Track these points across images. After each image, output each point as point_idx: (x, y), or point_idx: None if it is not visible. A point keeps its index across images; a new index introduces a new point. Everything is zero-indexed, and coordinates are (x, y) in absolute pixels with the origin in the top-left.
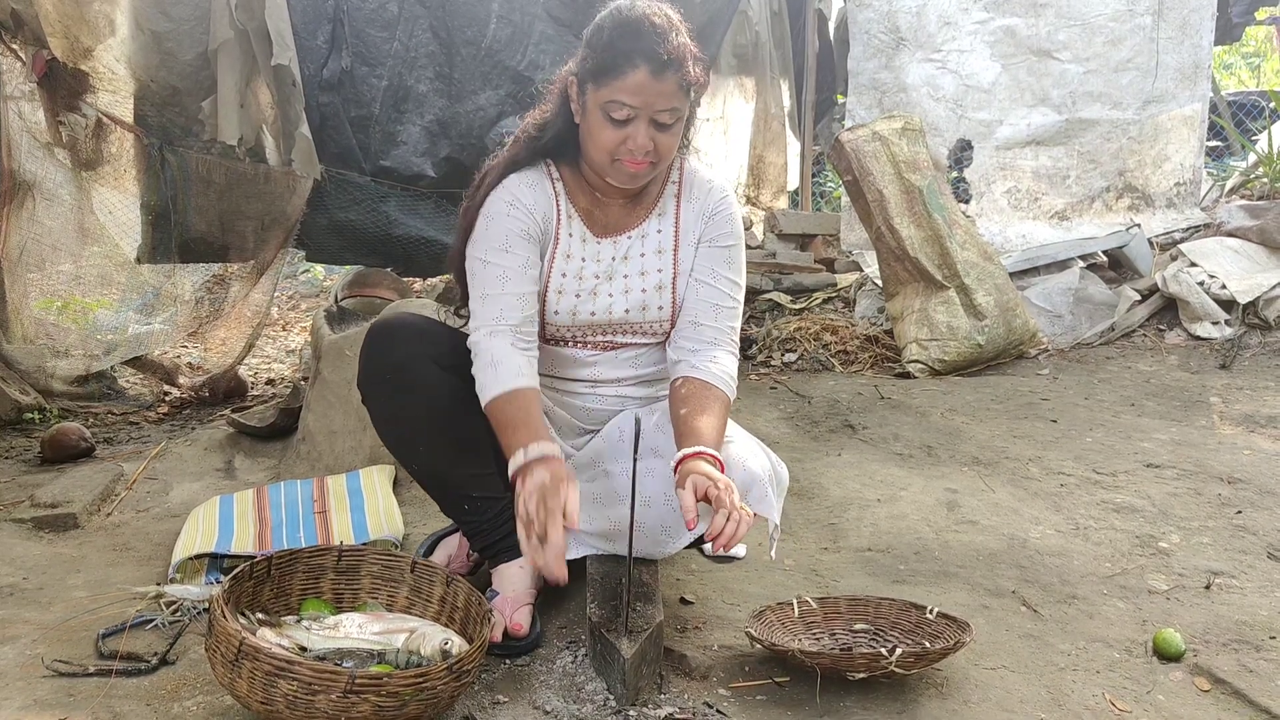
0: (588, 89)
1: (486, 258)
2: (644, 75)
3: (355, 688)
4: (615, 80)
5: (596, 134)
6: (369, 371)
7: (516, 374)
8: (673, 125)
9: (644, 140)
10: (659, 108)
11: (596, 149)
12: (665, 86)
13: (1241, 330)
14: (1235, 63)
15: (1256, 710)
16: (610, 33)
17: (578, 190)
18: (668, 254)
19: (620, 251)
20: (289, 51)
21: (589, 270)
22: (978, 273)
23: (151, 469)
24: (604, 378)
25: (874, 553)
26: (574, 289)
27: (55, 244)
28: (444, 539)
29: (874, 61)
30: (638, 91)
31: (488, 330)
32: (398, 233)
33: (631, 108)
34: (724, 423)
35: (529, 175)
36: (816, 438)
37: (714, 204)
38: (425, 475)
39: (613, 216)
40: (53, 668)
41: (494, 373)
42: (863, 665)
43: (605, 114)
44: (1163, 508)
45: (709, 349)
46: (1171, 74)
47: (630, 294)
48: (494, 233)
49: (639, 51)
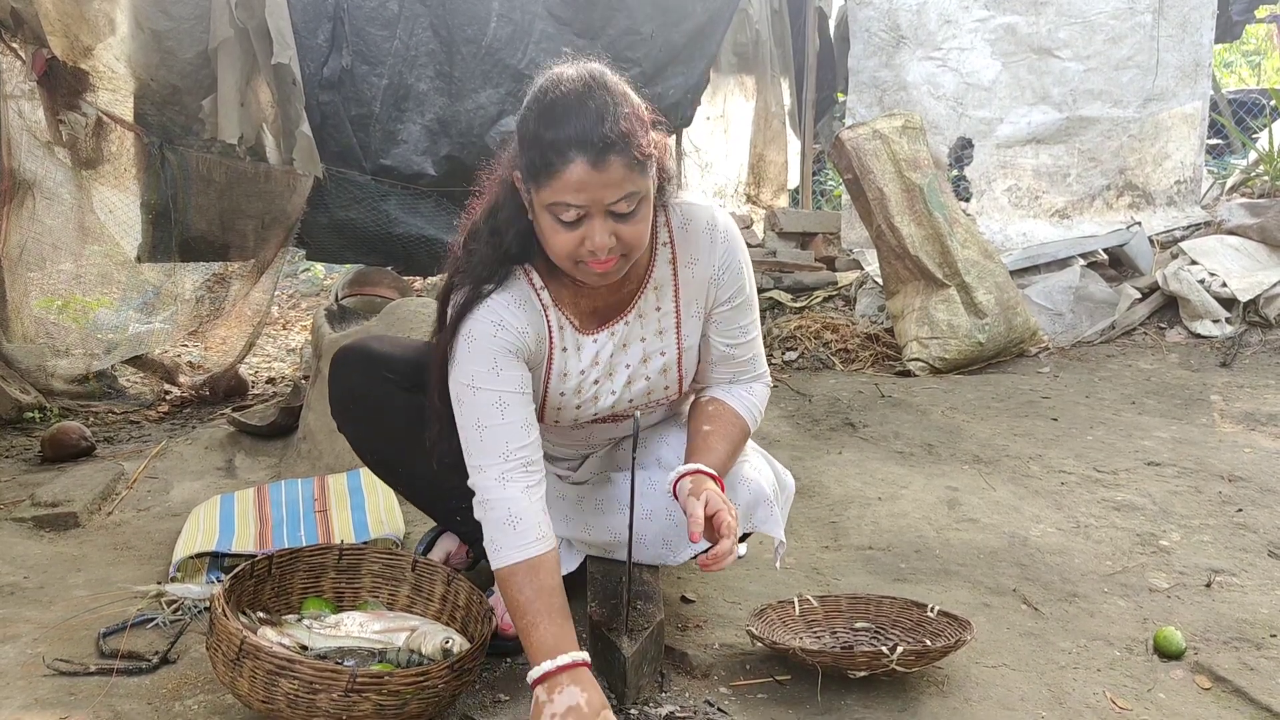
0: (530, 188)
1: (475, 383)
2: (582, 169)
3: (356, 686)
4: (552, 180)
5: (550, 238)
6: (336, 402)
7: (539, 538)
8: (635, 210)
9: (602, 239)
10: (609, 200)
11: (556, 254)
12: (611, 175)
13: (1242, 328)
14: (1235, 60)
15: (1257, 708)
16: (535, 123)
17: (559, 287)
18: (669, 333)
19: (618, 341)
20: (289, 50)
21: (589, 379)
22: (978, 271)
23: (152, 468)
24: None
25: (875, 551)
26: (574, 402)
27: (55, 243)
28: (443, 535)
29: (874, 59)
30: (580, 189)
31: (497, 475)
32: (398, 231)
33: (578, 207)
34: (739, 453)
35: (513, 294)
36: (817, 436)
37: (719, 262)
38: (410, 494)
39: (601, 301)
40: (54, 667)
41: (513, 533)
42: (864, 663)
43: (554, 216)
44: (1163, 506)
45: (746, 381)
46: (1172, 72)
47: (634, 384)
48: (479, 356)
49: (570, 142)
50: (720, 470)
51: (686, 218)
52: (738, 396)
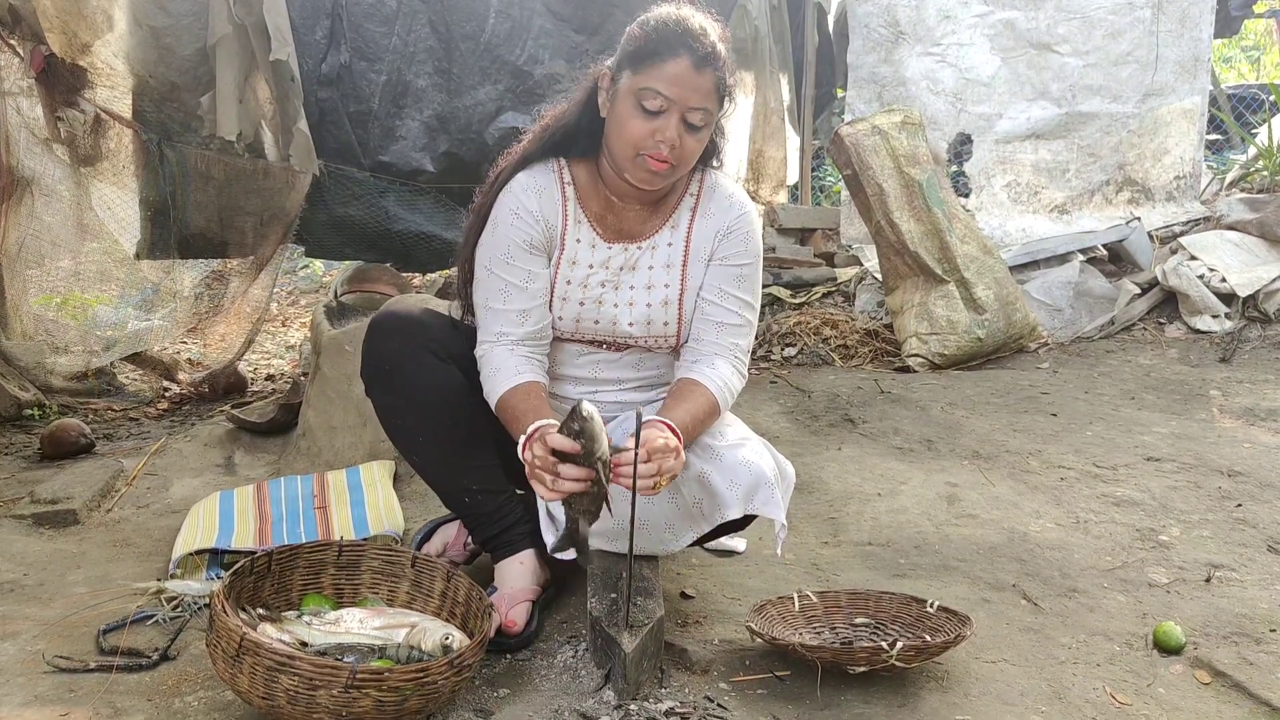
0: (622, 76)
1: (491, 268)
2: (685, 65)
3: (356, 682)
4: (654, 67)
5: (625, 123)
6: (369, 364)
7: (514, 374)
8: (701, 129)
9: (672, 134)
10: (693, 104)
11: (622, 140)
12: (703, 82)
13: (1241, 323)
14: (1234, 56)
15: (1257, 703)
16: (656, 22)
17: (591, 193)
18: (676, 269)
19: (629, 260)
20: (287, 47)
21: (595, 279)
22: (977, 266)
23: (151, 465)
24: (605, 376)
25: (874, 547)
26: (578, 297)
27: (54, 240)
28: (441, 526)
29: (873, 55)
30: (675, 82)
31: (489, 345)
32: (397, 228)
33: (666, 99)
34: (702, 415)
35: (537, 178)
36: (816, 432)
37: (730, 221)
38: (427, 467)
39: (627, 223)
40: (54, 664)
41: (494, 379)
42: (863, 659)
43: (637, 102)
44: (1163, 501)
45: (710, 358)
46: (1171, 67)
47: (635, 307)
48: (498, 241)
49: (683, 43)
50: (676, 421)
51: (715, 183)
52: (698, 372)
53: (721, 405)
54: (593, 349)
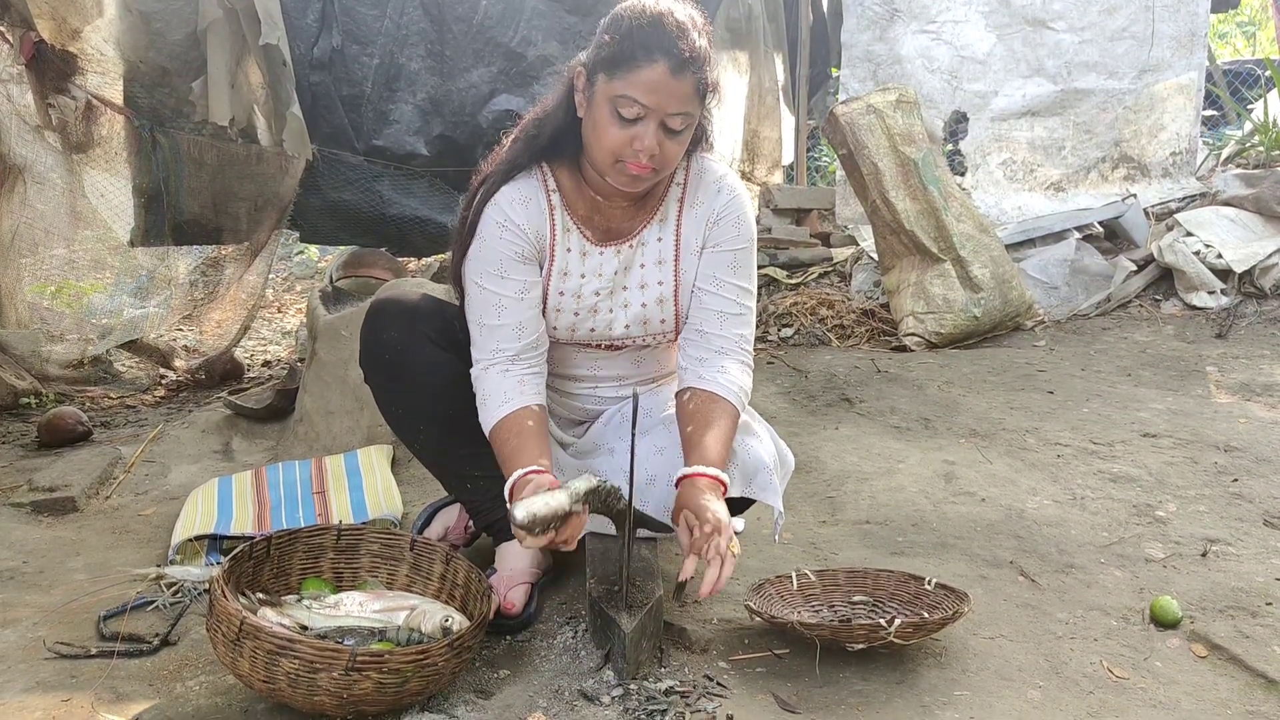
0: (598, 80)
1: (482, 283)
2: (661, 72)
3: (357, 665)
4: (630, 74)
5: (601, 131)
6: (367, 351)
7: (502, 401)
8: (681, 132)
9: (650, 142)
10: (671, 110)
11: (599, 148)
12: (682, 87)
13: (1237, 299)
14: (1231, 31)
15: (1253, 675)
16: (630, 23)
17: (576, 196)
18: (668, 265)
19: (622, 262)
20: (278, 30)
21: (589, 288)
22: (973, 245)
23: (149, 452)
24: (604, 374)
25: (872, 525)
26: (572, 307)
27: (48, 228)
28: (442, 510)
29: (868, 33)
30: (653, 90)
31: (484, 366)
32: (392, 212)
33: (643, 106)
34: (731, 436)
35: (522, 188)
36: (814, 412)
37: (720, 207)
38: (426, 454)
39: (614, 221)
40: (55, 650)
41: (484, 408)
42: (861, 636)
43: (614, 109)
44: (1159, 477)
45: (717, 359)
46: (1167, 43)
47: (630, 309)
48: (488, 256)
49: (659, 46)
50: (715, 461)
51: (702, 169)
52: (710, 379)
53: (741, 412)
54: (589, 350)
